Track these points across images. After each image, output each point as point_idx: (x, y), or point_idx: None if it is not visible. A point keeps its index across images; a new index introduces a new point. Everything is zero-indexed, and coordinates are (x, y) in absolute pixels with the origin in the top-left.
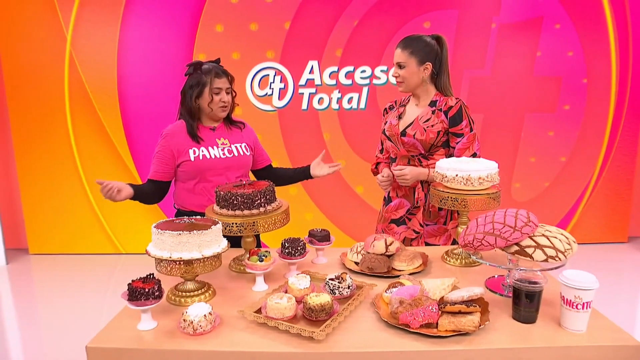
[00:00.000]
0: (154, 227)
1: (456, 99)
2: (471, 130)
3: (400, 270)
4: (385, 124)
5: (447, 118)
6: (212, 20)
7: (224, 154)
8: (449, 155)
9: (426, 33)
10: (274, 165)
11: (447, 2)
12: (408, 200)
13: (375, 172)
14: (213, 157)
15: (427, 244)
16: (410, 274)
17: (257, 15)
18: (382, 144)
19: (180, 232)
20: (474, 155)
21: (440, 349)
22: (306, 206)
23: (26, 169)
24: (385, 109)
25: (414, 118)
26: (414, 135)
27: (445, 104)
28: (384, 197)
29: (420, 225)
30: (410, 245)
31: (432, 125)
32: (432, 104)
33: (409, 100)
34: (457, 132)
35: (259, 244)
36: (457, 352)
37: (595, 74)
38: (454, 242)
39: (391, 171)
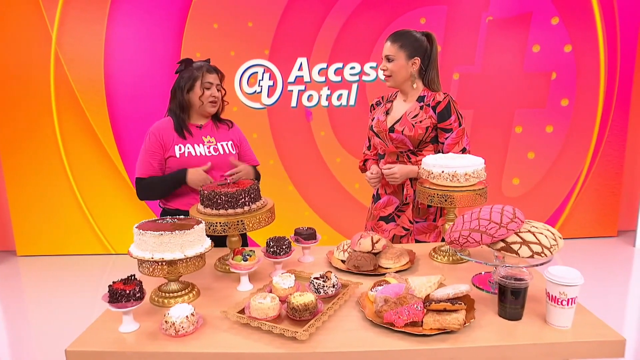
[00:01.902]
0: (136, 227)
1: (444, 94)
2: (460, 125)
3: (386, 268)
4: (372, 120)
5: (435, 113)
6: (200, 17)
7: (209, 151)
8: (438, 151)
9: (421, 29)
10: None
11: None
12: (397, 197)
13: (363, 169)
14: (198, 154)
15: (417, 241)
16: (397, 272)
17: (246, 13)
18: (369, 141)
19: (162, 232)
20: (464, 150)
21: (425, 348)
22: (297, 204)
23: (13, 170)
24: (372, 104)
25: (401, 114)
26: (402, 131)
27: (434, 99)
28: (373, 195)
29: (410, 222)
30: (400, 242)
31: (421, 121)
32: (420, 99)
33: (396, 96)
34: (446, 127)
35: (245, 243)
36: (442, 350)
37: (584, 70)
38: (444, 239)
39: (380, 169)
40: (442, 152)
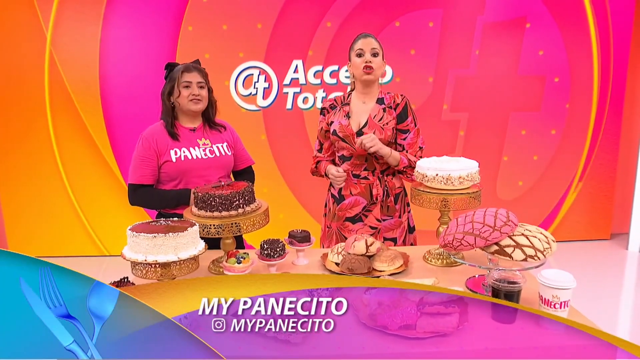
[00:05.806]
0: (129, 229)
1: (401, 95)
2: (415, 125)
3: (381, 271)
4: (330, 124)
5: (396, 114)
6: (196, 19)
7: (205, 154)
8: (398, 151)
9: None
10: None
11: (431, 1)
12: (364, 198)
13: (315, 171)
14: (195, 157)
15: (385, 239)
16: (391, 275)
17: (242, 14)
18: (320, 144)
19: (156, 234)
20: (421, 148)
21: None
22: (292, 206)
23: (6, 172)
24: (325, 108)
25: (365, 117)
26: (373, 134)
27: (393, 101)
28: (334, 195)
29: (378, 220)
30: None
31: (387, 123)
32: (380, 101)
33: (350, 99)
34: (403, 128)
35: (241, 245)
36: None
37: (577, 73)
38: (411, 231)
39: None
40: (404, 152)
